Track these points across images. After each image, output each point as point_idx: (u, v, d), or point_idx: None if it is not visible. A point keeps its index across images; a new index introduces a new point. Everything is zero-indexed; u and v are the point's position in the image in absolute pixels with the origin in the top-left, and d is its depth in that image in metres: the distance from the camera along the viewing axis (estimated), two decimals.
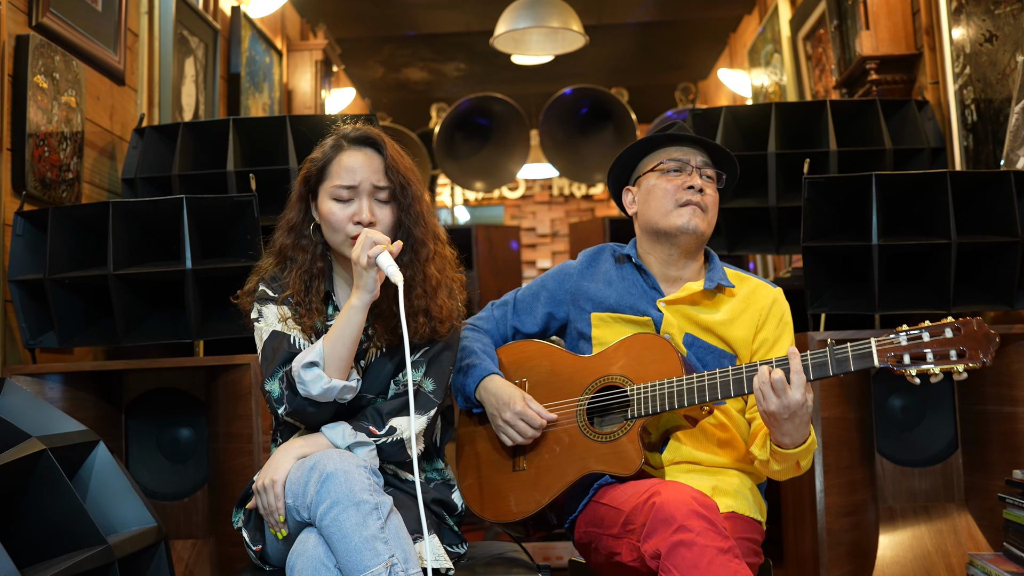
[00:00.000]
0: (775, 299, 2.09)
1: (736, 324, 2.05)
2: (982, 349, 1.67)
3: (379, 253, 1.80)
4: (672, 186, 2.05)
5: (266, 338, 1.92)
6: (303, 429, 1.95)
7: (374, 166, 1.93)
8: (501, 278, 5.03)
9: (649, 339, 1.99)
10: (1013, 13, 2.69)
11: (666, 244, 2.08)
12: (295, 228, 1.98)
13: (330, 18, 5.92)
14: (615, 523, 1.86)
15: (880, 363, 1.73)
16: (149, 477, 2.69)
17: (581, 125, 5.88)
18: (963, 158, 3.03)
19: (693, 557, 1.66)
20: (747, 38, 5.90)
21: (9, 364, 2.61)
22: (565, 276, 2.19)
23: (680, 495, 1.73)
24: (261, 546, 1.94)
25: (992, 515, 2.52)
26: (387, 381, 1.97)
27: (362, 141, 1.96)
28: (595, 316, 2.11)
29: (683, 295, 2.06)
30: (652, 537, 1.71)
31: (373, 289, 1.83)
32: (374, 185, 1.91)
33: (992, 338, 1.67)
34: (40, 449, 1.78)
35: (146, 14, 3.58)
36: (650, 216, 2.08)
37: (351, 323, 1.83)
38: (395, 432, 1.87)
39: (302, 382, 1.81)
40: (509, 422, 2.00)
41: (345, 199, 1.91)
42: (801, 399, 1.77)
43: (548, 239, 9.03)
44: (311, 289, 1.95)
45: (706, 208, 2.05)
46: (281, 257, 2.00)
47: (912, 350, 1.72)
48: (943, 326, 1.71)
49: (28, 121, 2.71)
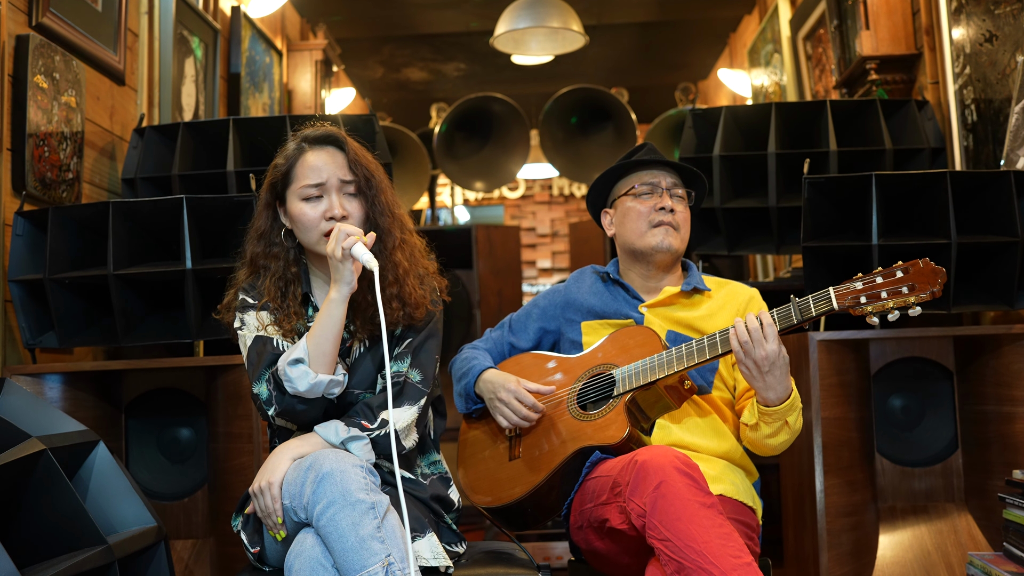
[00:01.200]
0: (751, 296, 2.24)
1: (715, 319, 2.18)
2: (930, 282, 1.83)
3: (353, 244, 1.83)
4: (645, 208, 2.21)
5: (250, 344, 1.94)
6: (296, 430, 1.96)
7: (338, 162, 1.96)
8: (501, 278, 5.02)
9: (632, 329, 2.13)
10: (1013, 13, 2.69)
11: (644, 262, 2.24)
12: (264, 236, 2.01)
13: (330, 18, 5.92)
14: (603, 490, 1.91)
15: (839, 305, 1.87)
16: (149, 477, 2.69)
17: (581, 125, 5.88)
18: (963, 158, 3.03)
19: (675, 510, 1.70)
20: (747, 38, 5.90)
21: (9, 364, 2.61)
22: (554, 293, 2.35)
23: (663, 453, 1.79)
24: (259, 548, 1.94)
25: (992, 515, 2.52)
26: (374, 376, 1.98)
27: (323, 140, 1.99)
28: (585, 325, 2.24)
29: (662, 298, 2.22)
30: (636, 495, 1.76)
31: (351, 281, 1.86)
32: (341, 180, 1.95)
33: (940, 272, 1.83)
34: (40, 449, 1.78)
35: (146, 14, 3.58)
36: (627, 237, 2.23)
37: (332, 317, 1.85)
38: (387, 425, 1.88)
39: (289, 379, 1.83)
40: (504, 400, 2.11)
41: (314, 197, 1.93)
42: (776, 348, 1.90)
43: (548, 239, 9.03)
44: (287, 294, 1.98)
45: (678, 226, 2.20)
46: (253, 267, 2.02)
47: (867, 292, 1.87)
48: (894, 268, 1.87)
49: (28, 121, 2.71)
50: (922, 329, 2.65)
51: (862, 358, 2.65)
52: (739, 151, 3.16)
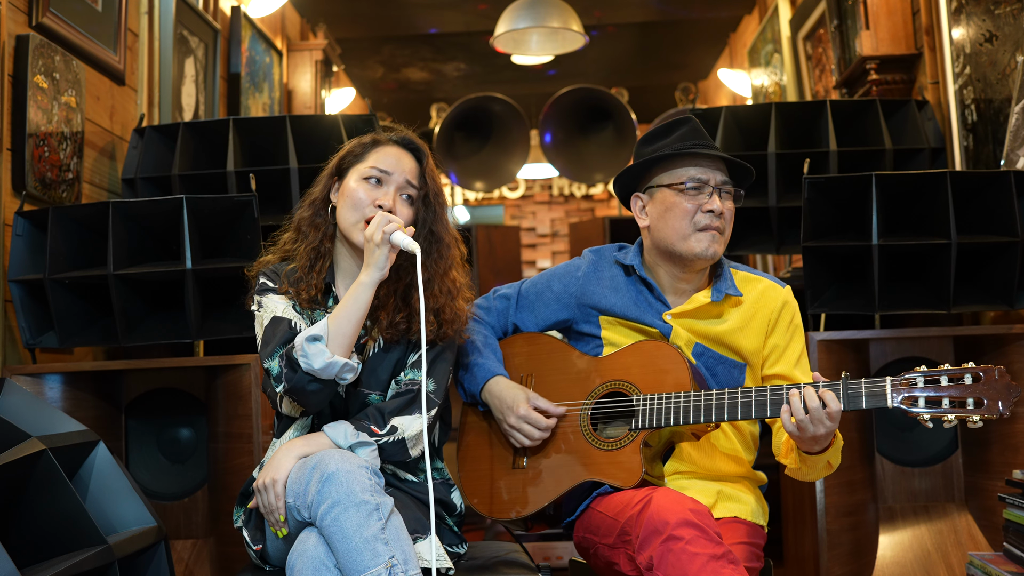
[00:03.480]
0: (784, 302, 2.04)
1: (745, 332, 2.02)
2: (1002, 400, 1.62)
3: (394, 230, 1.84)
4: (691, 206, 1.97)
5: (267, 324, 1.93)
6: (300, 421, 1.96)
7: (413, 167, 1.99)
8: (501, 278, 5.03)
9: (659, 347, 1.97)
10: (1013, 13, 2.69)
11: (679, 264, 2.02)
12: (315, 204, 2.03)
13: (330, 18, 5.92)
14: (611, 532, 1.86)
15: (893, 404, 1.70)
16: (149, 477, 2.69)
17: (581, 125, 5.88)
18: (963, 158, 3.03)
19: (682, 564, 1.66)
20: (747, 38, 5.90)
21: (9, 364, 2.61)
22: (572, 279, 2.14)
23: (671, 503, 1.73)
24: (261, 545, 1.94)
25: (992, 515, 2.52)
26: (386, 379, 1.97)
27: (408, 144, 2.03)
28: (603, 319, 2.09)
29: (690, 307, 2.02)
30: (645, 547, 1.72)
31: (384, 267, 1.86)
32: (407, 181, 1.97)
33: (1014, 389, 1.62)
34: (40, 449, 1.78)
35: (146, 14, 3.58)
36: (665, 235, 1.99)
37: (358, 300, 1.86)
38: (396, 431, 1.87)
39: (305, 355, 1.82)
40: (515, 427, 2.00)
41: (375, 180, 1.95)
42: (828, 431, 1.76)
43: (548, 239, 9.02)
44: (314, 267, 1.99)
45: (724, 231, 1.99)
46: (297, 230, 2.04)
47: (928, 394, 1.67)
48: (963, 371, 1.66)
49: (28, 121, 2.71)
50: (922, 329, 2.65)
51: (862, 358, 2.65)
52: (739, 151, 3.16)
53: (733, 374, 2.02)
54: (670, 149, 2.00)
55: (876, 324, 2.67)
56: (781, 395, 1.81)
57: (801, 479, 1.99)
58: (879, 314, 2.63)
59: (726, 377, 2.02)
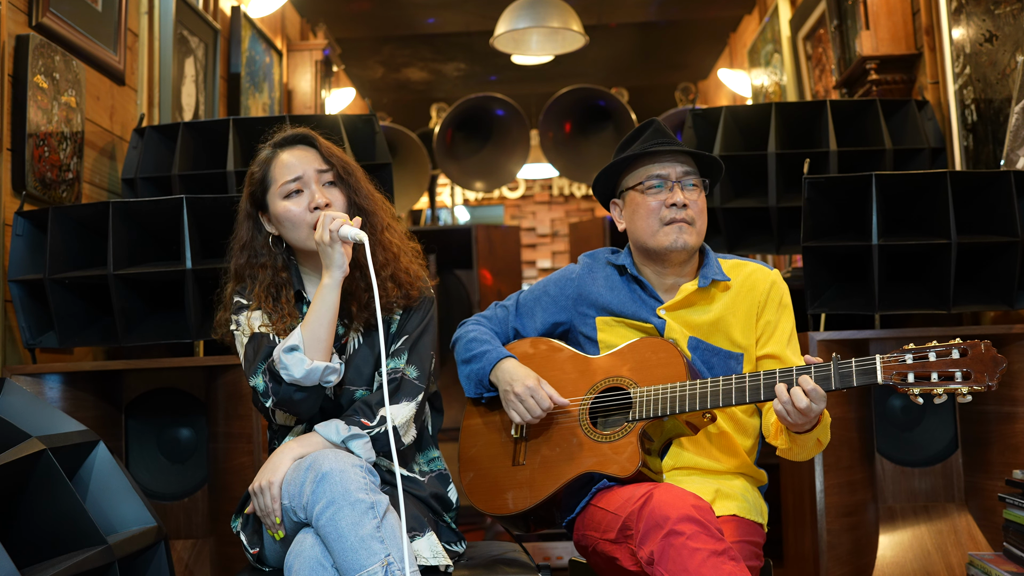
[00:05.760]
0: (772, 282, 2.09)
1: (736, 316, 2.07)
2: (988, 372, 1.66)
3: (340, 225, 1.85)
4: (656, 203, 2.05)
5: (246, 342, 1.95)
6: (296, 428, 1.96)
7: (312, 156, 1.99)
8: (501, 278, 5.03)
9: (655, 343, 2.01)
10: (1013, 13, 2.69)
11: (658, 260, 2.10)
12: (247, 247, 2.02)
13: (330, 18, 5.92)
14: (612, 528, 1.86)
15: (884, 380, 1.73)
16: (149, 477, 2.69)
17: (581, 125, 5.88)
18: (963, 158, 3.03)
19: (683, 559, 1.67)
20: (747, 38, 5.90)
21: (9, 364, 2.61)
22: (567, 281, 2.20)
23: (673, 498, 1.74)
24: (259, 548, 1.94)
25: (992, 515, 2.52)
26: (371, 373, 1.99)
27: (293, 140, 2.02)
28: (600, 320, 2.13)
29: (680, 298, 2.08)
30: (646, 542, 1.73)
31: (343, 264, 1.87)
32: (317, 170, 1.97)
33: (1000, 362, 1.66)
34: (40, 449, 1.78)
35: (146, 14, 3.58)
36: (639, 235, 2.08)
37: (326, 303, 1.86)
38: (386, 421, 1.88)
39: (284, 366, 1.83)
40: (520, 395, 2.02)
41: (295, 192, 1.95)
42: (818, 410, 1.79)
43: (548, 239, 9.03)
44: (280, 298, 1.98)
45: (693, 220, 2.05)
46: (239, 279, 2.03)
47: (917, 369, 1.71)
48: (950, 347, 1.69)
49: (28, 121, 2.71)
50: (922, 329, 2.65)
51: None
52: (739, 151, 3.16)
53: (729, 364, 2.05)
54: (632, 152, 2.09)
55: (876, 324, 2.67)
56: (773, 379, 1.84)
57: (793, 459, 2.01)
58: (879, 314, 2.63)
59: (723, 370, 2.05)
